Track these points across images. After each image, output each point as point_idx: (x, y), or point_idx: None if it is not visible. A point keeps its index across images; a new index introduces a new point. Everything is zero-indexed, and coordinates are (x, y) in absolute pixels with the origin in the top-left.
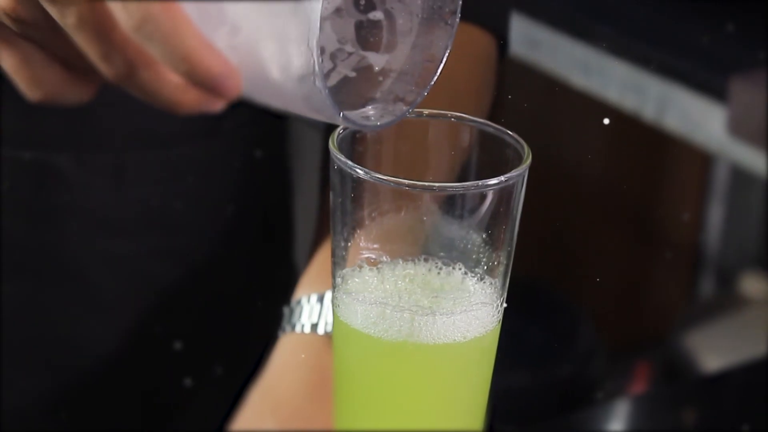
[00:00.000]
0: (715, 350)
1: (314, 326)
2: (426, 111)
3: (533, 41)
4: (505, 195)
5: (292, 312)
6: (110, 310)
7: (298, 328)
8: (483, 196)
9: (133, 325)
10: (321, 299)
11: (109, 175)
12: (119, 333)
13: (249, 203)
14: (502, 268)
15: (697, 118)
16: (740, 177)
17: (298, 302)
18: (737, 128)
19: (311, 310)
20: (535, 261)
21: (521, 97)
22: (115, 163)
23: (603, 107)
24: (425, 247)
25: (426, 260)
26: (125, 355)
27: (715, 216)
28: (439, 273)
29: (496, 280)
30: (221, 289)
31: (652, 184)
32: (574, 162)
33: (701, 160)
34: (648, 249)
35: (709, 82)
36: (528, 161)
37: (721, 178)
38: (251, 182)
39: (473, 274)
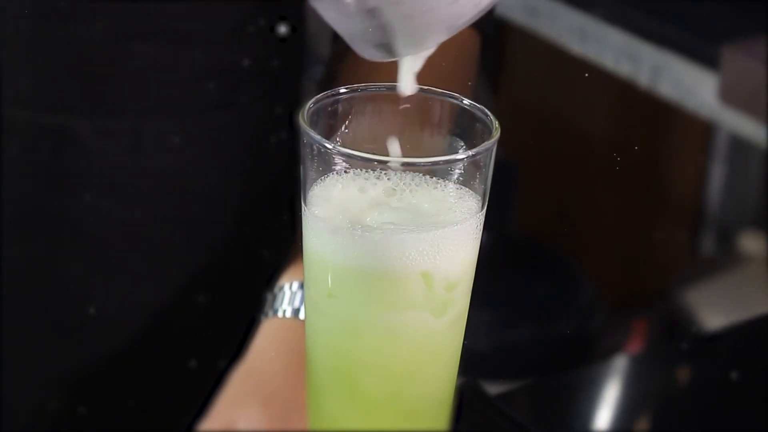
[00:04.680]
0: (713, 307)
1: (296, 311)
2: (394, 84)
3: (533, 9)
4: (474, 168)
5: (275, 297)
6: (123, 276)
7: (279, 313)
8: (451, 170)
9: (145, 292)
10: (302, 286)
11: (125, 142)
12: (132, 299)
13: (262, 175)
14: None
15: (690, 86)
16: (741, 138)
17: (281, 288)
18: (728, 96)
19: (293, 296)
20: (537, 219)
21: (523, 61)
22: (132, 131)
23: (600, 73)
24: (400, 221)
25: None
26: (136, 320)
27: (716, 174)
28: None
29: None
30: (234, 259)
31: (655, 143)
32: (576, 123)
33: (703, 120)
34: (649, 207)
35: (701, 51)
36: (496, 136)
37: (722, 138)
38: (265, 154)
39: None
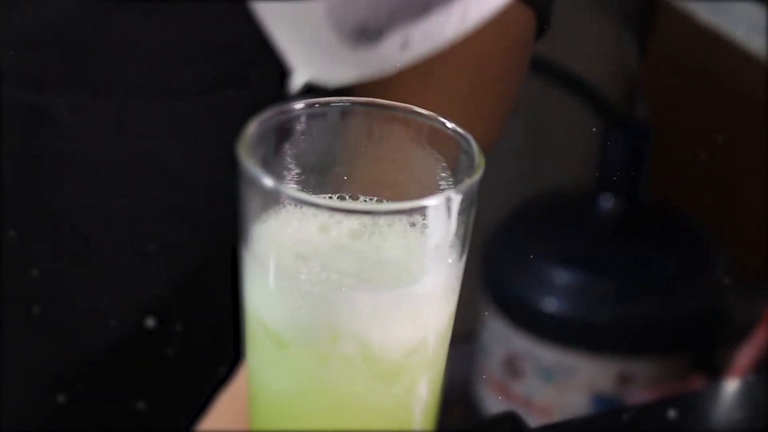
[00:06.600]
0: None
1: None
2: (363, 99)
3: None
4: (445, 213)
5: None
6: (107, 268)
7: None
8: (419, 216)
9: (124, 282)
10: None
11: (109, 124)
12: (116, 292)
13: None
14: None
15: None
16: None
17: None
18: None
19: None
20: (672, 187)
21: (669, 31)
22: (117, 112)
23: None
24: (357, 272)
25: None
26: (124, 315)
27: None
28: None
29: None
30: (223, 252)
31: None
32: (723, 90)
33: None
34: None
35: None
36: (478, 174)
37: None
38: None
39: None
